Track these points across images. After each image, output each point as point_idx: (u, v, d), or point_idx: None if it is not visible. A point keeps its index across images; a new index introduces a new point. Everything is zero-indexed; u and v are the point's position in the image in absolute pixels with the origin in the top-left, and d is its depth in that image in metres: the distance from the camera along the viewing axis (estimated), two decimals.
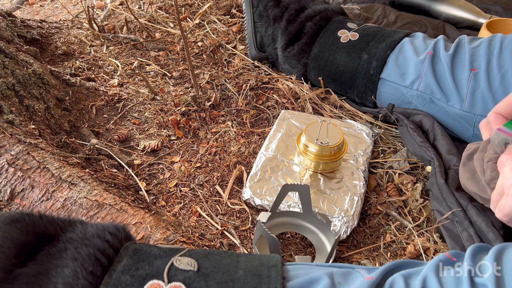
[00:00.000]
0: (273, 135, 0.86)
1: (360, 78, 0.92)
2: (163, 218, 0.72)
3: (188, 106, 0.96)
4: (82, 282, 0.37)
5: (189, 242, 0.66)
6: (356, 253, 0.71)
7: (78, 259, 0.39)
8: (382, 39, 0.91)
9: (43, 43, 1.11)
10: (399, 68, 0.88)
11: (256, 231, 0.69)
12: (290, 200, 0.74)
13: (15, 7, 1.47)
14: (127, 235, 0.45)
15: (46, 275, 0.38)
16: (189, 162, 0.85)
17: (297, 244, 0.72)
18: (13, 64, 0.87)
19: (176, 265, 0.41)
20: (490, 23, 1.09)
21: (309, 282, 0.41)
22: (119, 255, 0.42)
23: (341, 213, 0.72)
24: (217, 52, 1.15)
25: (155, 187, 0.80)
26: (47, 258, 0.40)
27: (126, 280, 0.39)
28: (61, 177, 0.70)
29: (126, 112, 0.96)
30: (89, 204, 0.67)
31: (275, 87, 1.03)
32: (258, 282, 0.40)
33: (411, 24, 1.24)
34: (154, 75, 1.08)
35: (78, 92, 0.97)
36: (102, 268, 0.39)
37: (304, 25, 1.00)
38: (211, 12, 1.31)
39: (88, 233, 0.42)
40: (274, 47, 1.06)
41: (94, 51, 1.14)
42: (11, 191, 0.68)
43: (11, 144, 0.72)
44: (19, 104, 0.83)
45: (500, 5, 1.30)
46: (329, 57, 0.96)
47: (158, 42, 1.19)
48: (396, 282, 0.41)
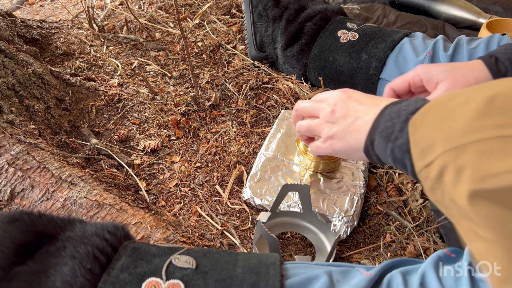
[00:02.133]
0: (273, 135, 0.86)
1: (360, 78, 0.92)
2: (163, 218, 0.72)
3: (188, 106, 0.96)
4: (81, 280, 0.37)
5: (189, 242, 0.66)
6: (356, 253, 0.71)
7: (76, 257, 0.39)
8: (381, 39, 0.91)
9: (43, 43, 1.11)
10: (399, 68, 0.88)
11: (256, 231, 0.69)
12: (290, 200, 0.74)
13: (15, 7, 1.47)
14: (126, 234, 0.46)
15: (45, 273, 0.38)
16: (189, 162, 0.85)
17: (297, 244, 0.72)
18: (13, 64, 0.87)
19: (174, 263, 0.41)
20: (490, 23, 1.09)
21: (307, 280, 0.41)
22: (118, 254, 0.42)
23: (341, 213, 0.72)
24: (217, 52, 1.15)
25: (155, 187, 0.80)
26: (46, 256, 0.40)
27: (125, 278, 0.39)
28: (61, 177, 0.70)
29: (126, 112, 0.96)
30: (89, 204, 0.67)
31: (275, 87, 1.03)
32: (257, 279, 0.40)
33: (411, 24, 1.24)
34: (154, 75, 1.08)
35: (78, 92, 0.97)
36: (101, 266, 0.40)
37: (304, 25, 1.00)
38: (211, 12, 1.32)
39: (87, 231, 0.42)
40: (274, 47, 1.06)
41: (94, 51, 1.14)
42: (11, 191, 0.68)
43: (11, 144, 0.72)
44: (19, 104, 0.83)
45: (500, 5, 1.30)
46: (329, 57, 0.96)
47: (158, 42, 1.19)
48: (394, 278, 0.41)
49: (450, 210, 0.34)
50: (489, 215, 0.29)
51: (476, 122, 0.31)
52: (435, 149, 0.34)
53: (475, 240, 0.31)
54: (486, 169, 0.29)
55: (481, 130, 0.31)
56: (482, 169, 0.29)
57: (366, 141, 0.47)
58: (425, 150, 0.35)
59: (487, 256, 0.31)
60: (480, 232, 0.30)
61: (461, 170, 0.31)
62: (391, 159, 0.43)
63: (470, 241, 0.32)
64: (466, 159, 0.31)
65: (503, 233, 0.29)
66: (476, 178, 0.30)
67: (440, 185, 0.34)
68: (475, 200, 0.30)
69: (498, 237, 0.29)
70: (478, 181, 0.29)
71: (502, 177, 0.28)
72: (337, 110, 0.53)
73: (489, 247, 0.30)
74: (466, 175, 0.30)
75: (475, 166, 0.30)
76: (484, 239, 0.30)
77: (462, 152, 0.31)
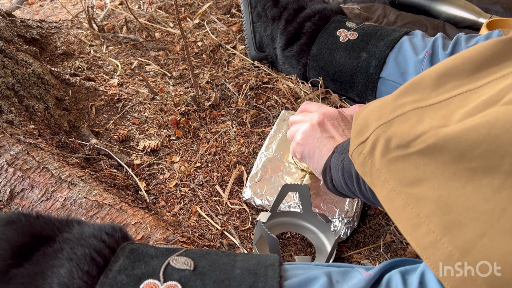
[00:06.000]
0: (274, 136, 0.86)
1: (360, 78, 0.92)
2: (163, 218, 0.72)
3: (188, 106, 0.96)
4: (78, 282, 0.37)
5: (189, 242, 0.66)
6: (356, 253, 0.71)
7: (73, 259, 0.39)
8: (381, 38, 0.91)
9: (43, 43, 1.11)
10: (399, 67, 0.87)
11: (256, 231, 0.69)
12: (290, 200, 0.74)
13: (14, 7, 1.47)
14: (124, 235, 0.45)
15: (42, 276, 0.38)
16: (189, 162, 0.85)
17: (297, 244, 0.72)
18: (12, 64, 0.87)
19: (172, 264, 0.41)
20: (491, 23, 1.09)
21: (306, 281, 0.41)
22: (115, 255, 0.42)
23: (342, 214, 0.71)
24: (217, 52, 1.15)
25: (155, 187, 0.80)
26: (43, 258, 0.40)
27: (122, 280, 0.39)
28: (60, 177, 0.70)
29: (126, 112, 0.96)
30: (88, 204, 0.67)
31: (275, 87, 1.03)
32: (255, 280, 0.40)
33: (411, 24, 1.24)
34: (154, 75, 1.08)
35: (78, 92, 0.97)
36: (98, 268, 0.39)
37: (303, 25, 1.00)
38: (211, 11, 1.31)
39: (84, 233, 0.42)
40: (273, 47, 1.06)
41: (93, 51, 1.14)
42: (10, 191, 0.68)
43: (11, 144, 0.72)
44: (19, 104, 0.83)
45: (500, 5, 1.30)
46: (329, 56, 0.95)
47: (158, 42, 1.19)
48: (394, 278, 0.41)
49: (374, 179, 0.40)
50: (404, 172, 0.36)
51: (399, 100, 0.38)
52: (370, 127, 0.40)
53: (394, 198, 0.37)
54: (406, 135, 0.35)
55: (402, 106, 0.37)
56: (404, 136, 0.35)
57: (327, 159, 0.58)
58: (362, 129, 0.41)
59: (402, 212, 0.36)
60: (397, 189, 0.36)
61: (389, 140, 0.37)
62: (340, 168, 0.51)
63: (388, 200, 0.38)
64: (392, 130, 0.37)
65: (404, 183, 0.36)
66: (401, 145, 0.36)
67: (371, 158, 0.40)
68: (394, 163, 0.37)
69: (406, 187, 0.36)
70: (403, 148, 0.35)
71: (419, 139, 0.34)
72: (324, 120, 0.66)
73: (406, 201, 0.35)
74: (393, 143, 0.37)
75: (399, 135, 0.36)
76: (400, 195, 0.36)
77: (390, 126, 0.38)
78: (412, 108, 0.36)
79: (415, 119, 0.36)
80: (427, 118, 0.35)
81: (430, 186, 0.33)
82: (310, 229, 0.72)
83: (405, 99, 0.38)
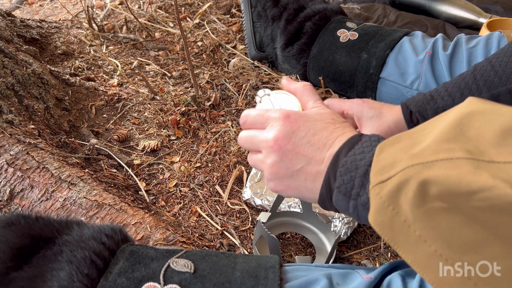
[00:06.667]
0: None
1: (360, 78, 0.92)
2: (162, 218, 0.72)
3: (188, 106, 0.96)
4: (78, 285, 0.37)
5: (189, 242, 0.66)
6: (356, 253, 0.71)
7: (73, 262, 0.39)
8: (381, 38, 0.91)
9: (43, 42, 1.11)
10: (399, 67, 0.87)
11: (256, 231, 0.69)
12: (290, 200, 0.74)
13: (14, 7, 1.47)
14: (124, 236, 0.45)
15: (42, 278, 0.38)
16: (189, 162, 0.85)
17: (297, 244, 0.72)
18: (12, 64, 0.87)
19: (172, 267, 0.41)
20: (491, 23, 1.09)
21: (307, 283, 0.41)
22: (115, 257, 0.42)
23: (342, 214, 0.71)
24: (217, 52, 1.15)
25: (155, 187, 0.80)
26: (42, 261, 0.40)
27: (122, 283, 0.39)
28: (60, 177, 0.70)
29: (125, 112, 0.96)
30: (88, 204, 0.67)
31: (275, 87, 1.02)
32: (255, 283, 0.40)
33: (411, 24, 1.24)
34: (153, 75, 1.08)
35: (78, 92, 0.97)
36: (98, 270, 0.39)
37: (303, 25, 1.00)
38: (211, 11, 1.31)
39: (84, 235, 0.42)
40: (273, 47, 1.06)
41: (93, 51, 1.14)
42: (10, 191, 0.68)
43: (11, 144, 0.72)
44: (19, 104, 0.83)
45: (500, 4, 1.29)
46: (329, 56, 0.95)
47: (158, 42, 1.19)
48: (394, 281, 0.41)
49: (399, 234, 0.32)
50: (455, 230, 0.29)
51: (446, 144, 0.31)
52: (398, 165, 0.32)
53: (442, 267, 0.31)
54: (456, 185, 0.28)
55: (451, 150, 0.30)
56: (453, 185, 0.29)
57: (322, 194, 0.42)
58: (387, 166, 0.33)
59: None
60: (444, 254, 0.30)
61: (427, 185, 0.30)
62: (355, 216, 0.39)
63: (428, 267, 0.31)
64: (431, 174, 0.30)
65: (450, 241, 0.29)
66: (452, 194, 0.29)
67: (394, 204, 0.32)
68: (438, 215, 0.29)
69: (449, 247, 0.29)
70: (454, 198, 0.29)
71: (485, 194, 0.28)
72: (282, 148, 0.44)
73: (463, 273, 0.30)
74: (433, 190, 0.29)
75: (444, 182, 0.29)
76: (451, 262, 0.30)
77: (429, 168, 0.30)
78: (466, 157, 0.29)
79: (467, 169, 0.29)
80: (486, 173, 0.28)
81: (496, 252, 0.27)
82: (310, 229, 0.72)
83: (454, 145, 0.31)
